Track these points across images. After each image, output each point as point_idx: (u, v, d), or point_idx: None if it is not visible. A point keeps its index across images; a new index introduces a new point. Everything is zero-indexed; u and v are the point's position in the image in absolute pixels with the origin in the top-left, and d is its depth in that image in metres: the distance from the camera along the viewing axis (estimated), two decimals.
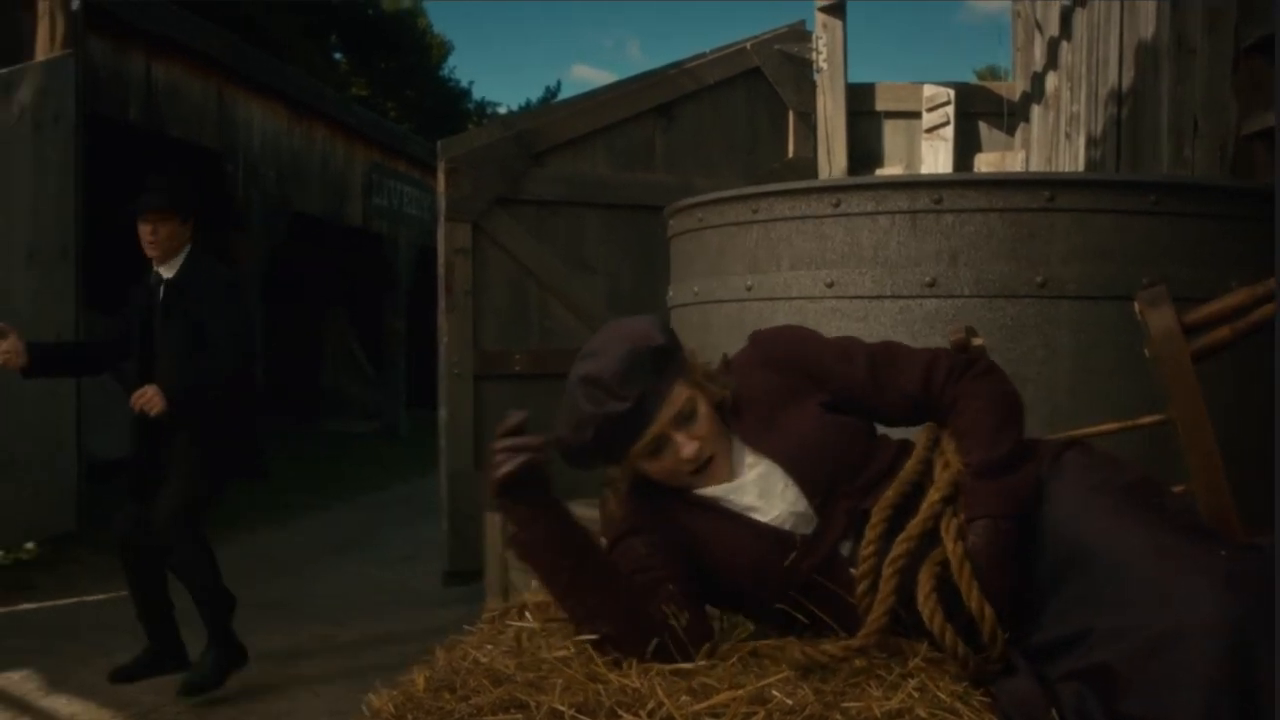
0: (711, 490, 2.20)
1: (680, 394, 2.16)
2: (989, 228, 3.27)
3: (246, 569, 7.93)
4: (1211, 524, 2.13)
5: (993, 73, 32.49)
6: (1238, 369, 2.95)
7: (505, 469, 2.04)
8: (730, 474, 2.19)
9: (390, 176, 16.72)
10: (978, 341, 2.35)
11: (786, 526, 2.14)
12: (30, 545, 8.02)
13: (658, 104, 7.41)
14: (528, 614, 2.55)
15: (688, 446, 2.15)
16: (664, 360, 2.16)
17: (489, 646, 2.40)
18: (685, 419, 2.16)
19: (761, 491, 2.17)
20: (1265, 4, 4.44)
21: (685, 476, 2.19)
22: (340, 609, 6.88)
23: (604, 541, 2.26)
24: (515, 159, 6.80)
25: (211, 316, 4.99)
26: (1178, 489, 2.32)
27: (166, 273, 5.11)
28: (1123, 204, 3.27)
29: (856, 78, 8.41)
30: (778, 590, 2.15)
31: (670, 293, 4.26)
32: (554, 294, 6.91)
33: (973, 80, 11.63)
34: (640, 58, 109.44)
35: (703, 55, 7.71)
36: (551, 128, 7.01)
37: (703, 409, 2.18)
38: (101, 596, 7.02)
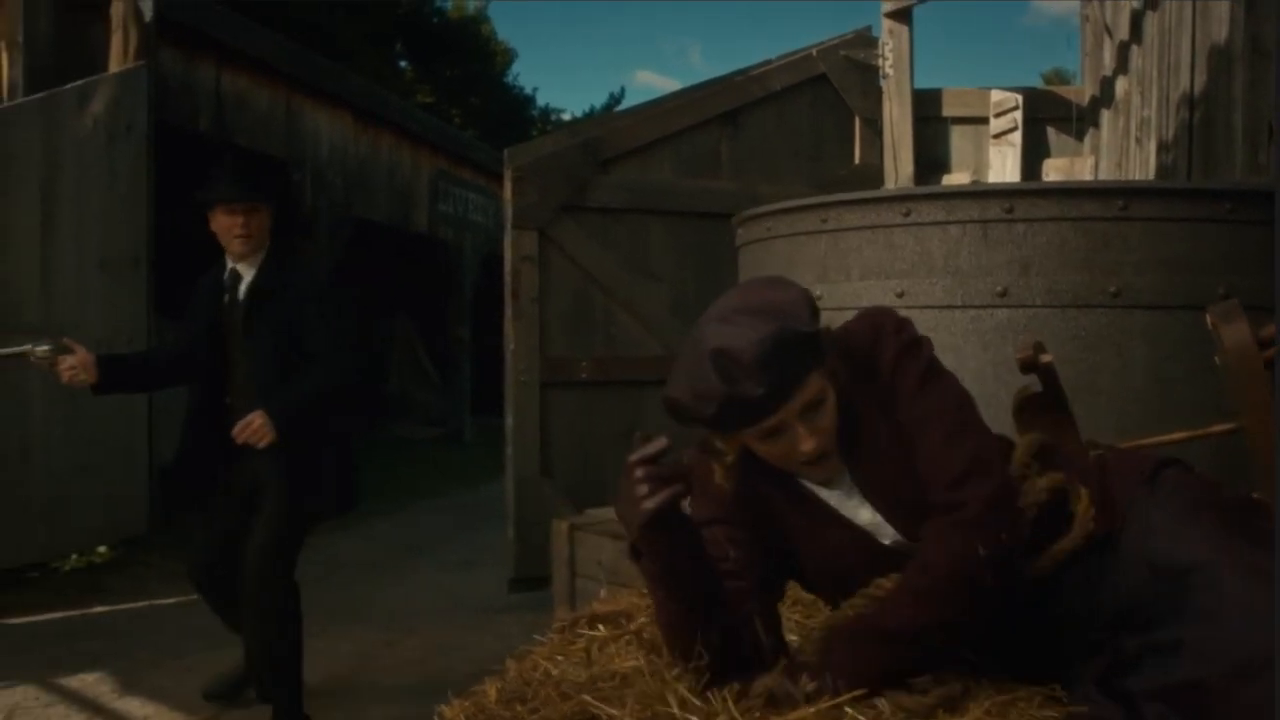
0: (813, 485, 2.16)
1: (814, 385, 2.00)
2: (1061, 237, 3.24)
3: (312, 574, 7.99)
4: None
5: (1059, 76, 32.24)
6: None
7: (652, 504, 1.95)
8: (837, 469, 2.11)
9: (455, 184, 16.80)
10: (1046, 358, 2.33)
11: (873, 533, 2.13)
12: (102, 549, 8.13)
13: (723, 111, 7.42)
14: (599, 625, 2.56)
15: (808, 441, 2.02)
16: (807, 347, 1.97)
17: (559, 658, 2.41)
18: (811, 410, 2.02)
19: (853, 495, 2.14)
20: None
21: (796, 465, 2.09)
22: (407, 615, 6.92)
23: (688, 508, 2.16)
24: (581, 166, 6.82)
25: (312, 325, 4.41)
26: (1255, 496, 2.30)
27: (246, 272, 4.56)
28: (1197, 212, 3.23)
29: (922, 82, 8.37)
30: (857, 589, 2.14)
31: None
32: (618, 301, 6.93)
33: (1039, 84, 11.52)
34: (701, 63, 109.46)
35: (769, 62, 7.71)
36: (618, 135, 7.02)
37: (830, 402, 2.04)
38: (172, 600, 7.11)
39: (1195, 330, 3.18)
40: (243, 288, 4.54)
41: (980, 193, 3.47)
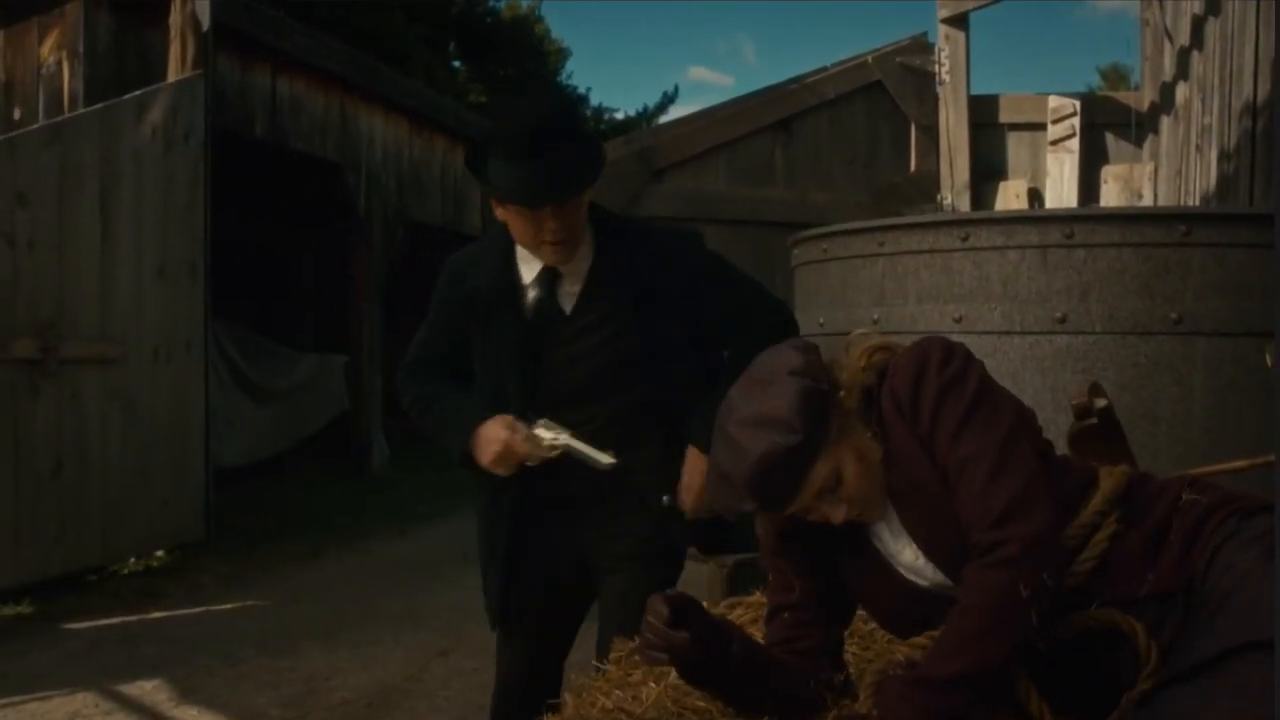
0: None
1: (820, 474, 1.97)
2: (1121, 263, 3.20)
3: (367, 579, 8.09)
4: None
5: (1116, 71, 31.98)
6: None
7: (649, 657, 2.10)
8: (882, 512, 2.08)
9: None
10: (1101, 403, 2.30)
11: (913, 577, 2.11)
12: (159, 553, 8.23)
13: (777, 119, 7.42)
14: None
15: (836, 514, 2.02)
16: (799, 455, 1.94)
17: (618, 692, 2.40)
18: (827, 492, 2.00)
19: (900, 534, 2.10)
20: None
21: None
22: (460, 621, 6.92)
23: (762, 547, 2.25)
24: (636, 175, 6.84)
25: (712, 305, 3.09)
26: None
27: (567, 268, 3.07)
28: (1260, 238, 3.18)
29: (978, 84, 8.31)
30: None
31: None
32: None
33: (1096, 79, 11.48)
34: (755, 60, 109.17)
35: (823, 70, 7.70)
36: (672, 144, 7.04)
37: (850, 470, 1.99)
38: (228, 606, 7.18)
39: (1257, 357, 3.14)
40: (558, 290, 3.08)
41: (1040, 218, 3.43)
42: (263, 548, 8.85)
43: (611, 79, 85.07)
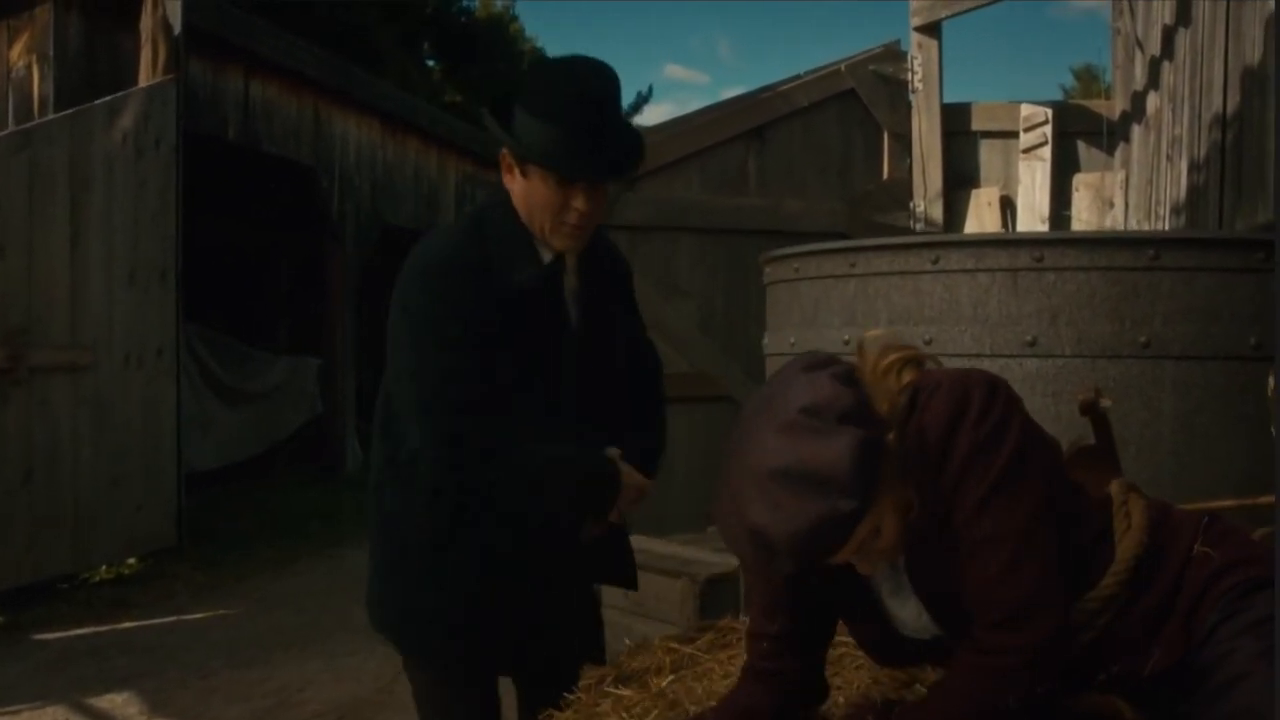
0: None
1: (860, 535, 1.80)
2: (1091, 286, 3.21)
3: (340, 586, 8.05)
4: None
5: (1090, 71, 32.07)
6: None
7: None
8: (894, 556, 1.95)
9: (483, 187, 16.79)
10: (1105, 402, 2.29)
11: (909, 632, 2.04)
12: (131, 560, 8.19)
13: (750, 127, 7.41)
14: (621, 687, 2.55)
15: (863, 567, 1.90)
16: (850, 518, 1.74)
17: None
18: (861, 549, 1.84)
19: (903, 585, 2.00)
20: None
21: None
22: None
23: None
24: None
25: (627, 309, 3.01)
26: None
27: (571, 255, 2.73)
28: (1229, 262, 3.19)
29: (951, 86, 8.35)
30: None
31: (766, 340, 4.24)
32: (646, 319, 6.90)
33: (1069, 79, 11.48)
34: (730, 57, 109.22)
35: (797, 78, 7.71)
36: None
37: (889, 524, 1.84)
38: (200, 615, 7.16)
39: (1228, 382, 3.17)
40: (569, 280, 2.74)
41: (1010, 241, 3.45)
42: (235, 554, 8.82)
43: None
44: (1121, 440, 2.89)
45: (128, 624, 6.97)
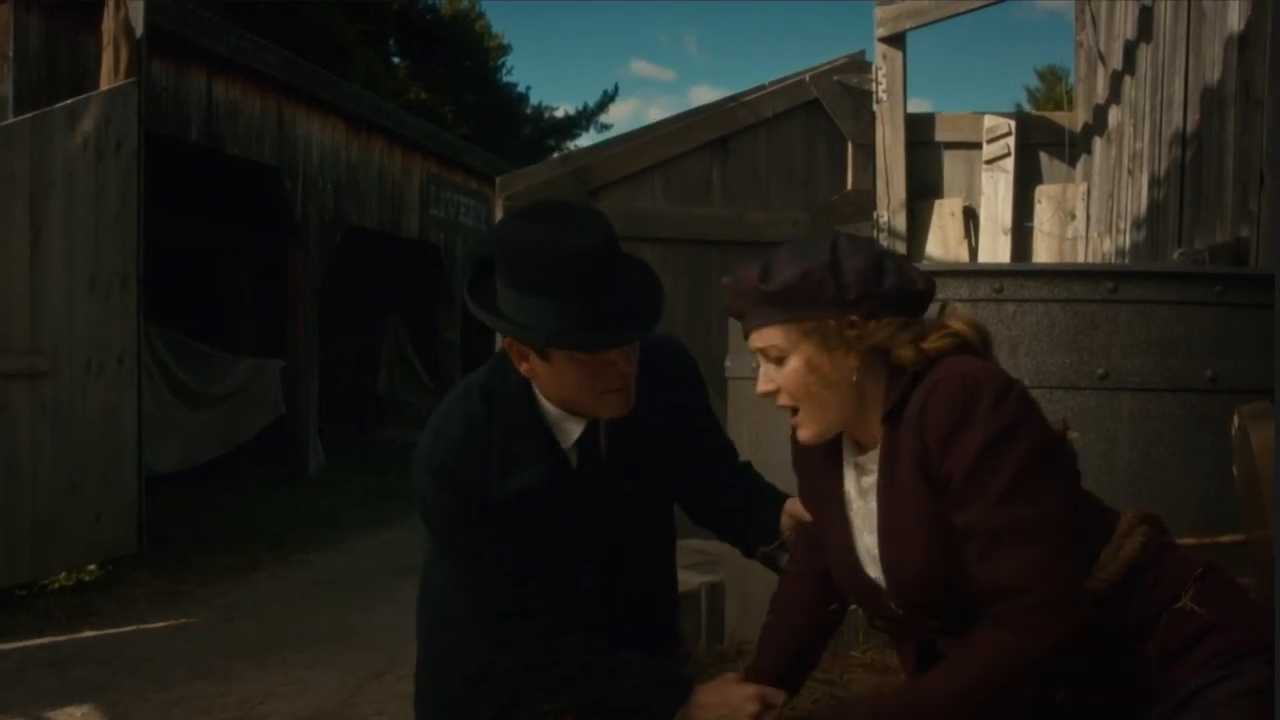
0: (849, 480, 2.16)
1: (776, 335, 2.03)
2: (1050, 318, 3.24)
3: (303, 593, 8.04)
4: None
5: (1054, 73, 32.27)
6: None
7: None
8: (826, 433, 2.09)
9: (446, 188, 16.80)
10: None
11: (866, 565, 2.12)
12: (92, 567, 8.14)
13: (714, 138, 7.44)
14: None
15: (762, 382, 2.08)
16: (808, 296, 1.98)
17: None
18: (770, 359, 2.05)
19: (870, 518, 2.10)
20: None
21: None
22: (394, 641, 6.89)
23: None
24: (572, 195, 6.83)
25: (702, 418, 2.72)
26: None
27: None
28: (1187, 295, 3.24)
29: (914, 92, 8.41)
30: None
31: (728, 363, 4.25)
32: None
33: (1034, 80, 11.57)
34: (697, 53, 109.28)
35: (761, 88, 7.73)
36: (608, 164, 7.04)
37: (795, 363, 2.02)
38: (161, 624, 7.11)
39: (1184, 413, 3.20)
40: (604, 442, 2.51)
41: (970, 272, 3.48)
42: (197, 560, 8.76)
43: (552, 74, 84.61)
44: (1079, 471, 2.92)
45: (88, 633, 6.91)
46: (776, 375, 2.03)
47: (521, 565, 2.40)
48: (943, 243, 8.23)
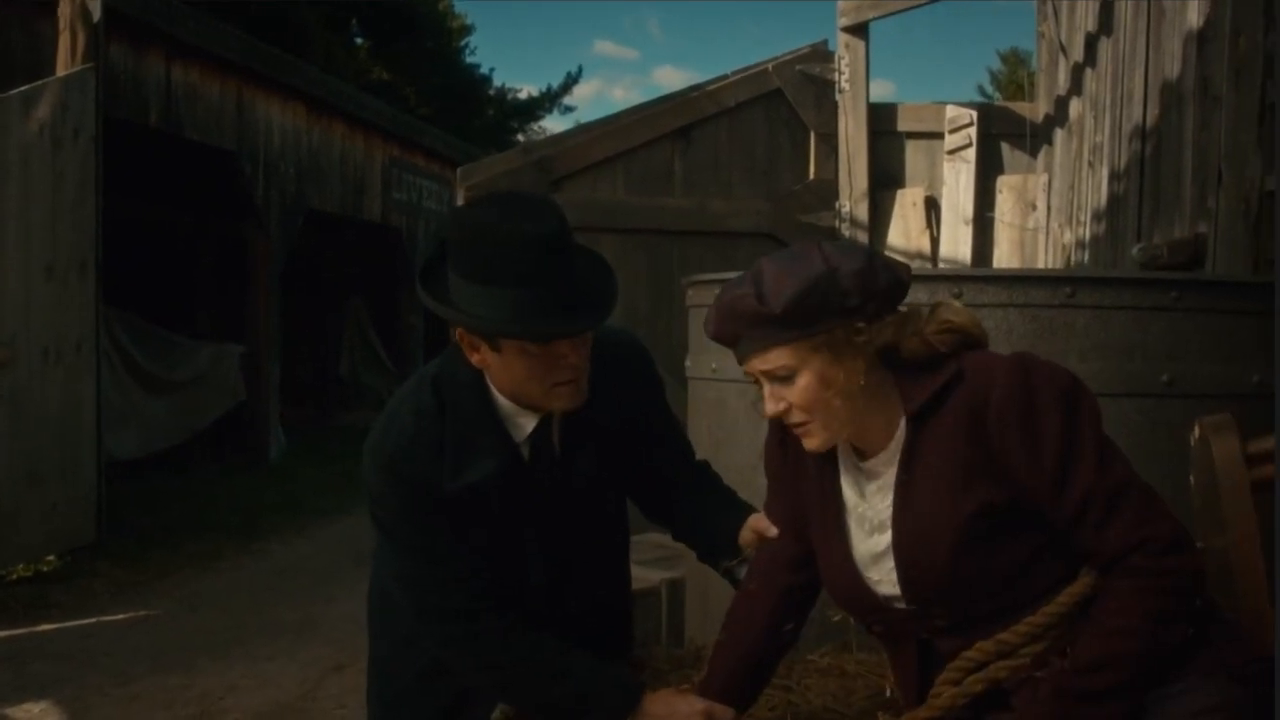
0: (846, 481, 2.15)
1: (781, 356, 1.97)
2: (1008, 323, 3.26)
3: (264, 584, 8.02)
4: (1258, 650, 2.03)
5: (1016, 55, 32.33)
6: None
7: None
8: (831, 441, 2.06)
9: (409, 171, 16.73)
10: None
11: (873, 579, 2.10)
12: (51, 558, 8.07)
13: (676, 128, 7.42)
14: None
15: (770, 404, 2.02)
16: (807, 313, 1.93)
17: None
18: (777, 380, 1.99)
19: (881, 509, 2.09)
20: None
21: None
22: (354, 633, 6.81)
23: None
24: (534, 185, 6.81)
25: (659, 418, 2.71)
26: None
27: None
28: (1144, 300, 3.26)
29: (877, 77, 8.44)
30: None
31: (688, 363, 4.26)
32: None
33: (996, 62, 11.61)
34: (660, 34, 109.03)
35: (724, 77, 7.73)
36: (570, 154, 7.03)
37: (806, 379, 1.97)
38: (121, 616, 7.07)
39: (1140, 418, 3.22)
40: (556, 438, 2.49)
41: (929, 276, 3.49)
42: (158, 550, 8.70)
43: (516, 54, 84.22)
44: None
45: (46, 626, 6.86)
46: (787, 394, 1.99)
47: (471, 563, 2.39)
48: (905, 233, 8.26)
